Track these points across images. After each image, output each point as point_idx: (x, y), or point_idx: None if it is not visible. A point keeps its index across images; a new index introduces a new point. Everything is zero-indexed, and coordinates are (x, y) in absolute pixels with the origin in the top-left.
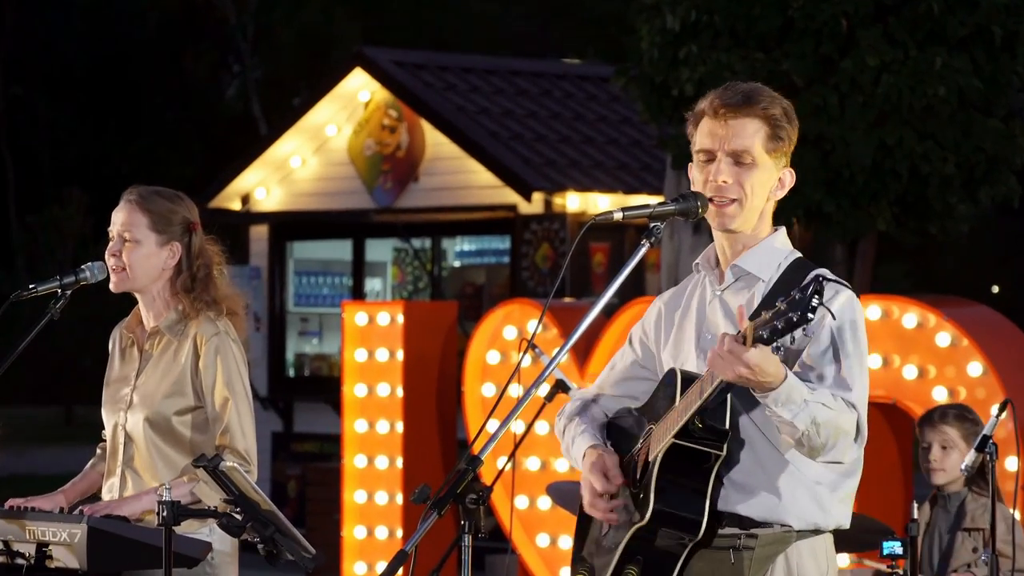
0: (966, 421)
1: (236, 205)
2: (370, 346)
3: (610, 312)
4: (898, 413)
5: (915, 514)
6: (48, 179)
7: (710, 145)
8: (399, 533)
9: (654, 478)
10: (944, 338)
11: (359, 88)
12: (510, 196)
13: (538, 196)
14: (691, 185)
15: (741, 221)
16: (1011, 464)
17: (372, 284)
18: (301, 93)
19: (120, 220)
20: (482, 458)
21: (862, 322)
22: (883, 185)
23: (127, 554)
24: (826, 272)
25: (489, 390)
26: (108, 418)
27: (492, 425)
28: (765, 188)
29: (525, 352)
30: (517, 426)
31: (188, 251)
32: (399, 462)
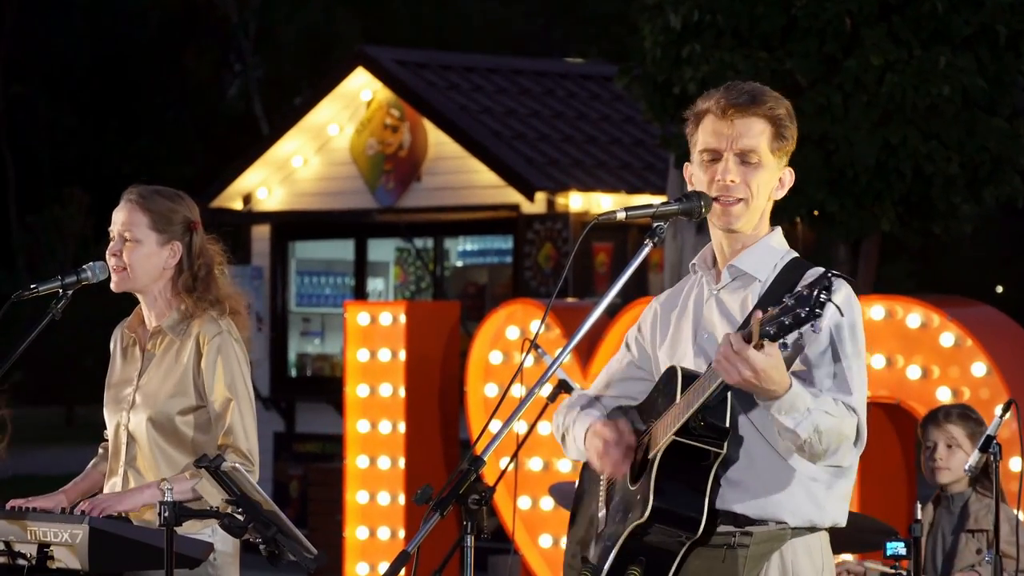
0: (970, 420)
1: (238, 205)
2: (372, 346)
3: (613, 312)
4: (902, 413)
5: (918, 515)
6: (48, 179)
7: (716, 144)
8: (401, 534)
9: (653, 476)
10: (948, 338)
11: (361, 87)
12: (513, 196)
13: (541, 196)
14: (689, 184)
15: (745, 221)
16: (1015, 465)
17: (374, 284)
18: (303, 92)
19: (120, 220)
20: (484, 459)
21: (860, 321)
22: (887, 185)
23: (129, 555)
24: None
25: (492, 390)
26: (110, 418)
27: (495, 425)
28: (768, 188)
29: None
30: (520, 426)
31: (189, 250)
32: (401, 462)
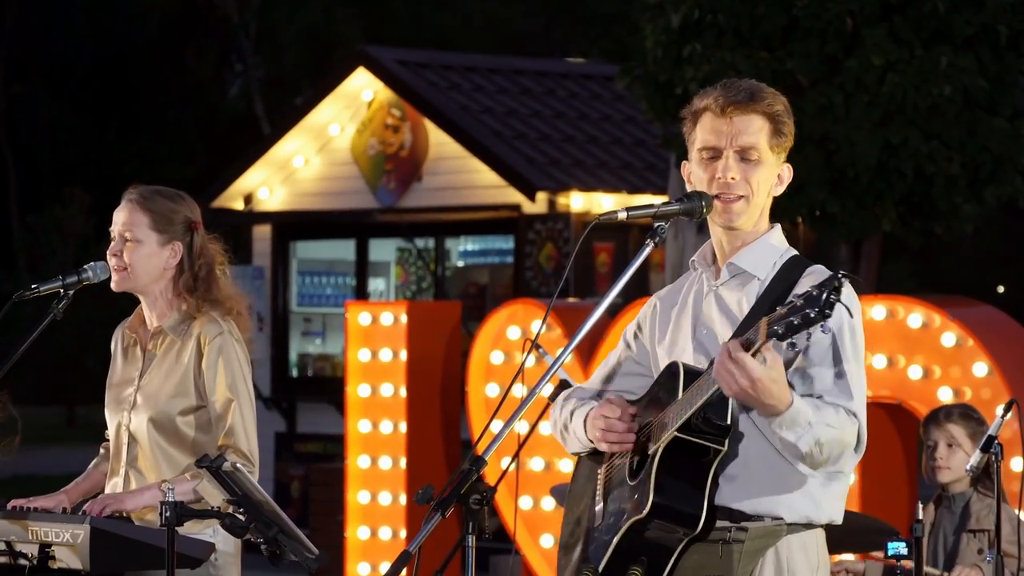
0: (971, 420)
1: (239, 205)
2: (374, 346)
3: (614, 312)
4: (903, 413)
5: (920, 515)
6: (49, 179)
7: (715, 142)
8: (403, 534)
9: (654, 471)
10: (949, 338)
11: (362, 87)
12: (514, 196)
13: (542, 196)
14: (687, 183)
15: (746, 218)
16: (1016, 465)
17: (375, 284)
18: (304, 92)
19: (121, 220)
20: (486, 459)
21: (860, 322)
22: (888, 185)
23: (130, 555)
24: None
25: (493, 390)
26: (111, 418)
27: (496, 425)
28: (768, 184)
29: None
30: (521, 427)
31: (190, 250)
32: (403, 462)
